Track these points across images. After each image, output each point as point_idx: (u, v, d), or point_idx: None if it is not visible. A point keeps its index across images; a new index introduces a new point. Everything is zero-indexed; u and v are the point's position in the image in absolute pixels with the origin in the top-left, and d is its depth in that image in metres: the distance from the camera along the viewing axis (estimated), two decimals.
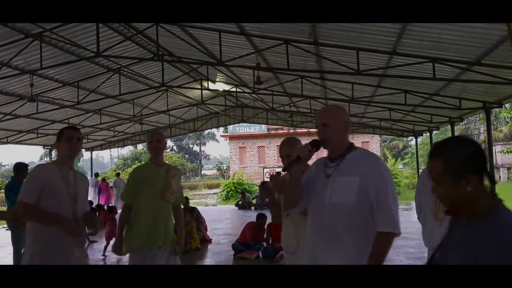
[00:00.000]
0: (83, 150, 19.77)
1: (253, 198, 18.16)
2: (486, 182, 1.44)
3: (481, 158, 1.44)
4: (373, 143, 26.74)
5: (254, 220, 8.37)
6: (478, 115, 21.90)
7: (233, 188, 23.35)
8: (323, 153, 2.31)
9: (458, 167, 1.41)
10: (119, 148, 48.18)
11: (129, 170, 33.47)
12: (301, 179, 2.35)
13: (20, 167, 6.52)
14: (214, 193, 27.94)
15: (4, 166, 64.99)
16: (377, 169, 2.21)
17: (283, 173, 2.55)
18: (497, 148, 27.35)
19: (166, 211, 3.70)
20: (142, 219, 3.55)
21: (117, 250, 3.64)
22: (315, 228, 2.32)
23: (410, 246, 8.08)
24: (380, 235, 2.12)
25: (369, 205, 2.18)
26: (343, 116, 2.35)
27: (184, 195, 5.04)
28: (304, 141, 2.70)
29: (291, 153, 2.80)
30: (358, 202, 2.18)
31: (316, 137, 2.36)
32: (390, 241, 2.14)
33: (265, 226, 8.16)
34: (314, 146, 2.30)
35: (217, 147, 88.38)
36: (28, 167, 6.60)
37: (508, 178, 31.08)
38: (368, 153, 2.38)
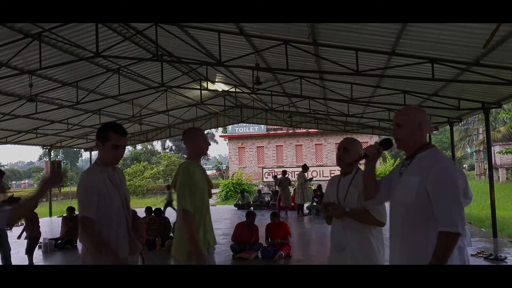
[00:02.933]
0: (82, 150, 19.76)
1: (253, 202, 18.10)
2: None
3: None
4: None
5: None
6: (477, 115, 21.93)
7: (232, 188, 23.34)
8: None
9: None
10: None
11: (128, 170, 33.49)
12: (373, 175, 2.49)
13: None
14: (213, 193, 27.91)
15: (3, 166, 64.93)
16: (437, 169, 2.21)
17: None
18: (496, 149, 27.36)
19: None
20: (204, 222, 3.36)
21: (201, 259, 3.20)
22: (389, 223, 2.47)
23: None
24: (440, 235, 2.15)
25: (428, 205, 2.21)
26: (417, 117, 2.39)
27: None
28: (305, 141, 2.72)
29: (348, 146, 3.03)
30: (416, 201, 2.23)
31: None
32: (451, 240, 2.13)
33: (255, 225, 8.16)
34: (383, 145, 2.45)
35: (216, 147, 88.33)
36: (4, 175, 6.06)
37: (507, 178, 31.11)
38: (434, 153, 2.35)
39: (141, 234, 3.00)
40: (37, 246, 7.75)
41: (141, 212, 12.27)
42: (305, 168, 14.67)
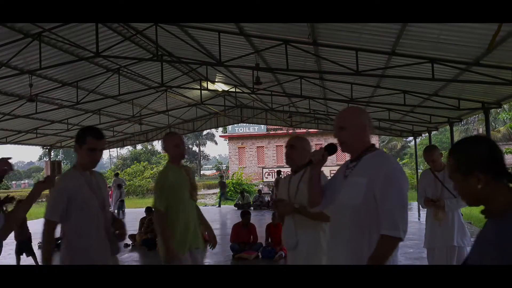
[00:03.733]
0: None
1: (253, 202, 18.10)
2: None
3: (492, 157, 1.47)
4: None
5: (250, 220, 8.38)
6: (477, 115, 21.92)
7: (232, 188, 23.35)
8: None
9: (465, 165, 1.46)
10: (118, 148, 48.17)
11: (128, 170, 33.48)
12: (317, 181, 2.35)
13: None
14: (213, 193, 27.93)
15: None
16: (384, 170, 2.15)
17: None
18: None
19: (195, 211, 3.68)
20: (182, 224, 3.47)
21: (170, 260, 3.42)
22: (330, 227, 2.38)
23: (408, 246, 8.09)
24: (381, 238, 2.08)
25: (375, 207, 2.14)
26: (359, 118, 2.31)
27: None
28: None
29: (294, 143, 3.07)
30: (363, 203, 2.14)
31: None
32: (392, 244, 2.07)
33: (252, 224, 8.18)
34: (328, 150, 2.30)
35: (216, 147, 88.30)
36: None
37: None
38: (381, 154, 2.30)
39: (122, 235, 3.06)
40: (37, 246, 7.75)
41: (141, 212, 12.28)
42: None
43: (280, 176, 14.84)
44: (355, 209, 2.16)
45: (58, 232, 2.96)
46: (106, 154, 52.65)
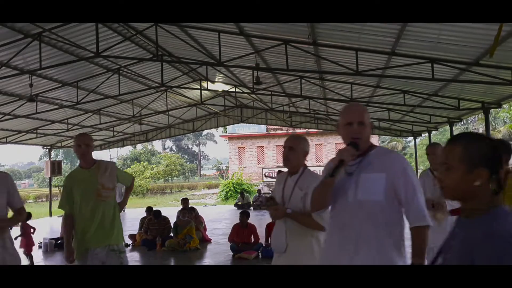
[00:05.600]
0: None
1: (253, 202, 18.10)
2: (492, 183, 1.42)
3: (498, 157, 1.43)
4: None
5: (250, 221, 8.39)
6: (476, 115, 21.92)
7: (232, 189, 23.35)
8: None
9: (476, 157, 1.40)
10: (118, 148, 48.14)
11: (129, 170, 33.47)
12: (332, 186, 2.24)
13: None
14: (213, 193, 27.90)
15: (3, 166, 64.92)
16: (402, 165, 2.20)
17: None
18: None
19: (108, 209, 3.68)
20: (85, 223, 3.57)
21: (68, 259, 3.58)
22: (337, 227, 2.26)
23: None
24: (415, 231, 2.14)
25: (397, 201, 2.17)
26: (368, 116, 2.36)
27: (184, 195, 5.03)
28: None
29: (293, 145, 2.87)
30: (385, 198, 2.15)
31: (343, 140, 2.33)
32: (426, 233, 2.14)
33: (251, 224, 8.18)
34: (355, 147, 2.23)
35: (216, 147, 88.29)
36: None
37: None
38: (389, 151, 2.37)
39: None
40: (38, 246, 7.77)
41: (141, 212, 12.28)
42: None
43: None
44: (377, 203, 2.15)
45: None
46: (106, 154, 52.67)
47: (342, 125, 2.29)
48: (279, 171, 15.24)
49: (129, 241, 9.40)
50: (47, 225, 13.55)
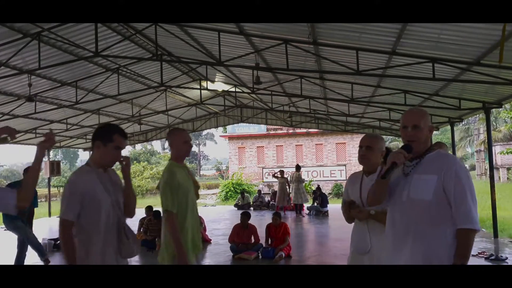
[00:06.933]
0: (81, 150, 19.75)
1: (253, 202, 18.06)
2: None
3: None
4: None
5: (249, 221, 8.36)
6: (477, 115, 21.91)
7: (232, 189, 23.33)
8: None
9: None
10: None
11: None
12: (388, 183, 2.41)
13: None
14: (213, 194, 27.90)
15: (2, 166, 64.89)
16: (454, 167, 2.26)
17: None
18: (496, 149, 27.37)
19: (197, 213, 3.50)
20: (190, 227, 3.30)
21: (184, 261, 3.18)
22: (393, 224, 2.42)
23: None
24: (460, 232, 2.19)
25: (446, 202, 2.24)
26: (429, 119, 2.44)
27: None
28: (306, 141, 2.69)
29: (371, 144, 2.92)
30: (434, 198, 2.24)
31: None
32: (471, 237, 2.20)
33: (251, 225, 8.16)
34: (408, 151, 2.36)
35: (216, 147, 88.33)
36: None
37: (507, 178, 31.11)
38: (445, 154, 2.43)
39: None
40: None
41: (141, 212, 12.26)
42: (298, 168, 15.11)
43: (300, 172, 15.07)
44: (426, 203, 2.26)
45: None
46: None
47: (400, 128, 2.46)
48: (281, 171, 15.25)
49: None
50: (46, 225, 13.52)
